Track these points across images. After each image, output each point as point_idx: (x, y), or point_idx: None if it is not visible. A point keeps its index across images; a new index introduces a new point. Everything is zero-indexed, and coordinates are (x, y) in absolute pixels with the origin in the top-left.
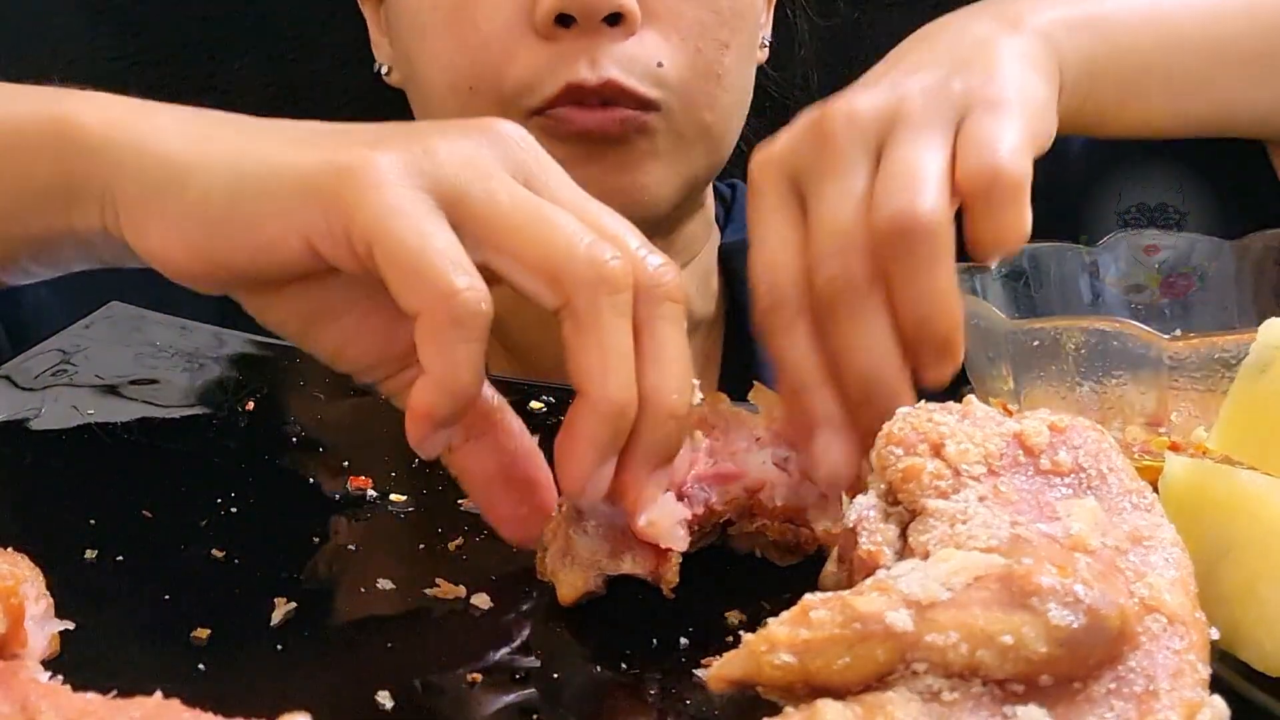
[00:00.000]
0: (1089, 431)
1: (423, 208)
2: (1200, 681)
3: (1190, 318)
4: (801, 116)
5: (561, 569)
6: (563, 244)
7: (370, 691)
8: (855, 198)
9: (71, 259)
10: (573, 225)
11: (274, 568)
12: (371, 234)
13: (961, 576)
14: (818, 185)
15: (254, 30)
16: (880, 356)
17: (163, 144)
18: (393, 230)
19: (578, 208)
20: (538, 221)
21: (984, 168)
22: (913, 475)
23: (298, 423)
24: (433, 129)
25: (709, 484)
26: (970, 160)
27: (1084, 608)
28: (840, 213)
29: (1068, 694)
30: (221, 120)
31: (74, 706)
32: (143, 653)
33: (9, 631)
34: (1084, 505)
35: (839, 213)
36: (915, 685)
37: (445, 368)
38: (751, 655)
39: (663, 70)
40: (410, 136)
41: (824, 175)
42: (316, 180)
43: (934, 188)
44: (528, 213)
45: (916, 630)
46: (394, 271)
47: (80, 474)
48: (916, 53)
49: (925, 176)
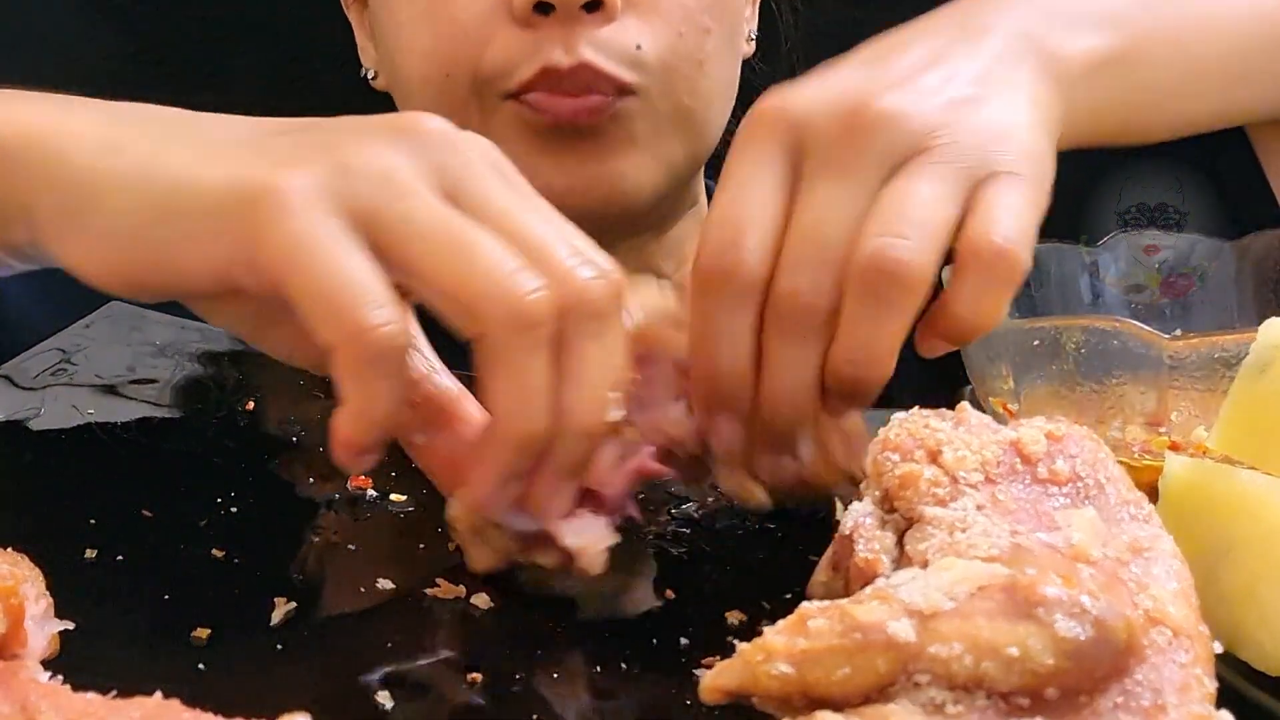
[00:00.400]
0: (1086, 440)
1: (333, 235)
2: (1207, 696)
3: (1190, 318)
4: (841, 79)
5: (471, 545)
6: (480, 276)
7: (370, 691)
8: (855, 213)
9: (17, 266)
10: (493, 253)
11: (274, 568)
12: (279, 269)
13: (964, 586)
14: (824, 176)
15: (254, 30)
16: (802, 388)
17: (77, 155)
18: (300, 265)
19: (507, 219)
20: (455, 248)
21: (993, 244)
22: (910, 482)
23: (298, 423)
24: (354, 133)
25: (629, 485)
26: (980, 229)
27: (1091, 619)
28: (834, 223)
29: (1074, 708)
30: (138, 121)
31: (74, 707)
32: (143, 653)
33: (9, 631)
34: (1083, 515)
35: (831, 223)
36: (917, 697)
37: (363, 401)
38: (747, 665)
39: (641, 53)
40: (328, 147)
41: (837, 170)
42: (223, 207)
43: (932, 244)
44: (445, 238)
45: (919, 641)
46: (305, 306)
47: (80, 474)
48: (957, 44)
49: (930, 229)
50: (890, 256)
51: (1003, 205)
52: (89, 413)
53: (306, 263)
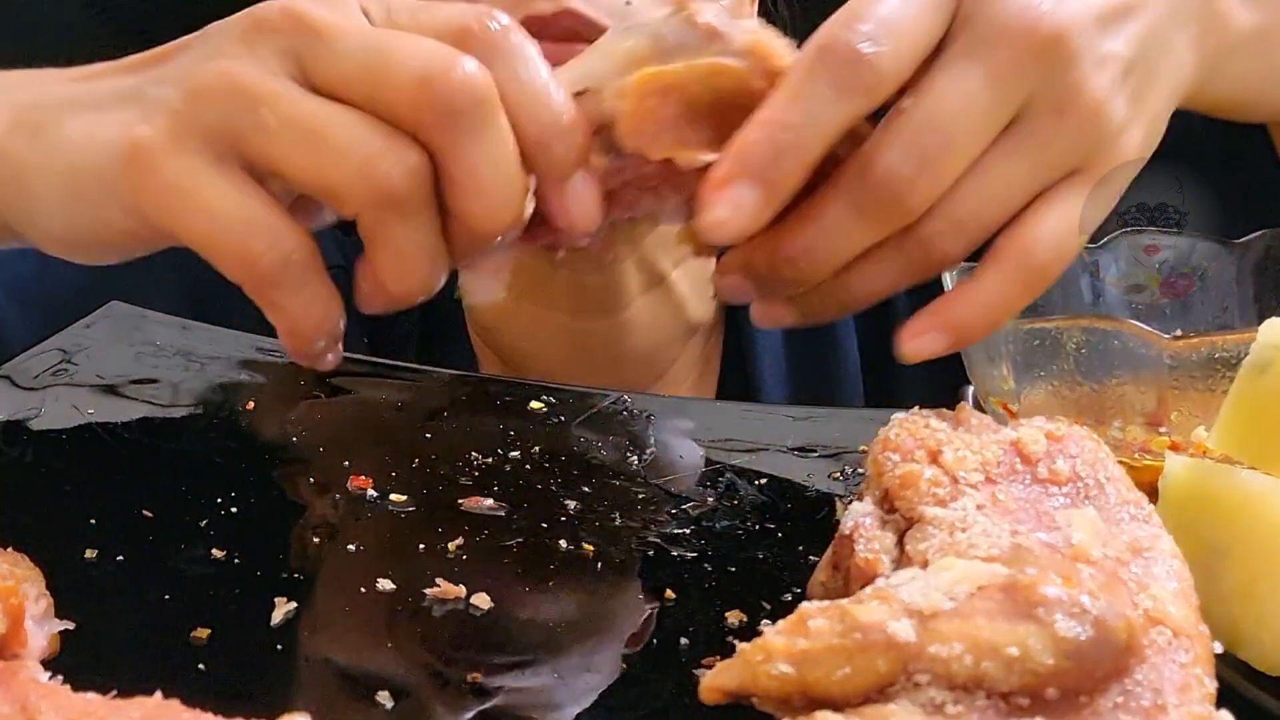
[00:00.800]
0: (1086, 440)
1: (198, 174)
2: (1207, 696)
3: (1190, 317)
4: None
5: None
6: (334, 165)
7: (370, 691)
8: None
9: None
10: (346, 135)
11: (274, 568)
12: (164, 222)
13: (965, 586)
14: (1024, 152)
15: None
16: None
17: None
18: (178, 213)
19: (364, 74)
20: (308, 143)
21: (1033, 259)
22: (910, 482)
23: (298, 423)
24: (204, 52)
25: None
26: (1030, 236)
27: (1091, 619)
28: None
29: (1074, 708)
30: (36, 92)
31: (74, 707)
32: (143, 653)
33: (9, 631)
34: (1083, 515)
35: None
36: (917, 697)
37: (287, 321)
38: (747, 665)
39: (631, 9)
40: (181, 78)
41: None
42: (106, 174)
43: None
44: (298, 134)
45: (919, 641)
46: (199, 249)
47: (80, 474)
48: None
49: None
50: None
51: (1061, 214)
52: (89, 412)
53: (181, 210)
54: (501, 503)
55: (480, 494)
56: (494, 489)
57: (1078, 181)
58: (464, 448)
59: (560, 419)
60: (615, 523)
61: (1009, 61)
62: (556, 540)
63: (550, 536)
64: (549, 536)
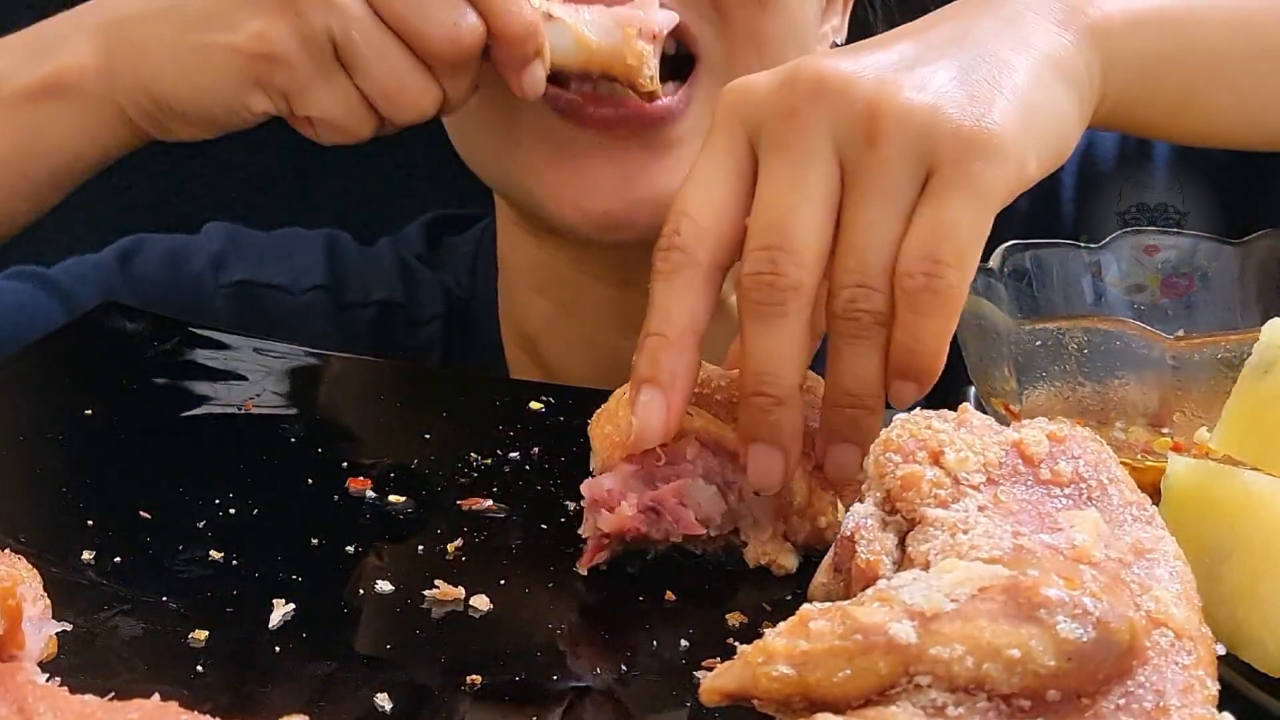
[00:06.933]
0: (1088, 442)
1: (324, 70)
2: (1209, 698)
3: (1193, 318)
4: (857, 71)
5: None
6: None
7: (370, 693)
8: (898, 223)
9: None
10: None
11: (273, 569)
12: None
13: (966, 587)
14: (863, 190)
15: None
16: (871, 382)
17: None
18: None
19: None
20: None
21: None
22: (911, 483)
23: (298, 423)
24: None
25: (653, 512)
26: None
27: (1093, 620)
28: (880, 238)
29: (1075, 710)
30: None
31: (72, 709)
32: (141, 654)
33: (6, 633)
34: (1086, 517)
35: (877, 237)
36: (918, 699)
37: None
38: (747, 667)
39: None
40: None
41: (870, 186)
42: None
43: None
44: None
45: (920, 642)
46: None
47: (80, 474)
48: (946, 45)
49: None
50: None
51: (945, 223)
52: (89, 413)
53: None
54: (501, 503)
55: (480, 494)
56: (494, 489)
57: (936, 183)
58: (464, 448)
59: (560, 419)
60: None
61: (790, 129)
62: (556, 540)
63: (550, 537)
64: (549, 537)
